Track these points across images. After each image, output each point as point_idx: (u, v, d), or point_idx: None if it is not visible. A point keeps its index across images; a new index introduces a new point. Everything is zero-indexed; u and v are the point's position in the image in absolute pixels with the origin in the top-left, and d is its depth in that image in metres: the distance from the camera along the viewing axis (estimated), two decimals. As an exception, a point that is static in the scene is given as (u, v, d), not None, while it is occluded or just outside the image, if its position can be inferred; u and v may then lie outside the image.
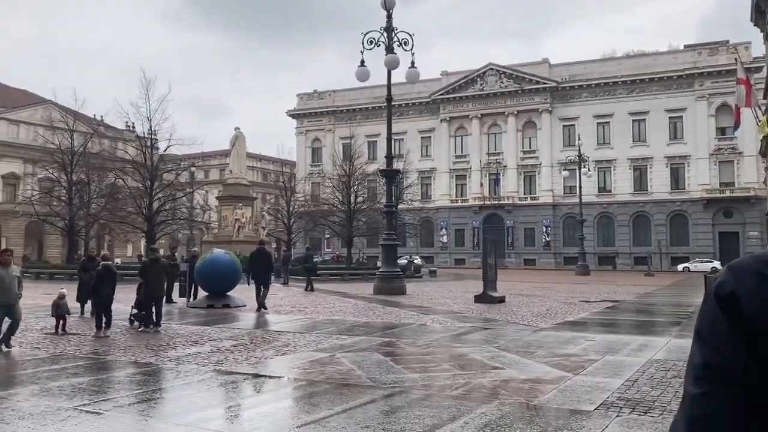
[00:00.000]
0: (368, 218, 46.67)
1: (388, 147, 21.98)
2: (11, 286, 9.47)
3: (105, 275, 11.20)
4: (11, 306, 9.53)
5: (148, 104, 34.93)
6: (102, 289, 11.13)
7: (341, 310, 15.59)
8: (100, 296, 11.12)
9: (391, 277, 21.67)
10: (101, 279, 11.18)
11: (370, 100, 70.34)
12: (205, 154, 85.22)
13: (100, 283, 11.18)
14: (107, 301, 11.20)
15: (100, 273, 11.20)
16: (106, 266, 11.35)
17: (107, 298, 11.18)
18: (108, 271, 11.28)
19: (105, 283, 11.17)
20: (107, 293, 11.18)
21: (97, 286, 11.22)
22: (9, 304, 9.47)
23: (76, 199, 40.18)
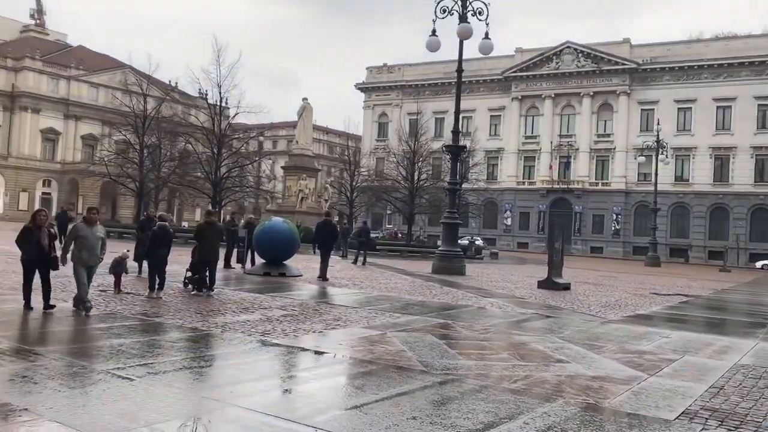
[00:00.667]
0: (431, 196, 45.93)
1: (456, 122, 21.16)
2: (96, 246, 8.84)
3: (160, 236, 11.03)
4: (91, 268, 8.96)
5: (218, 70, 35.24)
6: (157, 250, 10.97)
7: (397, 287, 15.09)
8: (154, 257, 10.98)
9: (451, 257, 21.01)
10: (156, 239, 11.03)
11: (440, 75, 68.95)
12: (274, 124, 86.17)
13: (155, 243, 11.02)
14: (162, 262, 11.04)
15: (156, 233, 11.04)
16: (161, 227, 11.17)
17: (162, 258, 11.01)
18: (163, 232, 11.10)
19: (160, 243, 11.00)
20: (162, 254, 11.02)
21: (152, 246, 11.08)
22: (90, 265, 8.86)
23: (148, 161, 41.17)
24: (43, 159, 70.25)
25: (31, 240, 8.52)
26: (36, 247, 8.49)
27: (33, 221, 8.72)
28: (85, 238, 8.75)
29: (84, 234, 8.79)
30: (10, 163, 67.91)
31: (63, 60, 73.61)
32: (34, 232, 8.57)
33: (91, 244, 8.76)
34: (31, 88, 69.09)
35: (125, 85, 44.93)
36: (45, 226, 8.76)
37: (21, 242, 8.64)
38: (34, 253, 8.52)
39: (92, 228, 8.90)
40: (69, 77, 71.84)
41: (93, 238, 8.81)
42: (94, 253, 8.82)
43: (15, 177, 67.91)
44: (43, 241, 8.55)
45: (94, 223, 9.01)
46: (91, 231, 8.85)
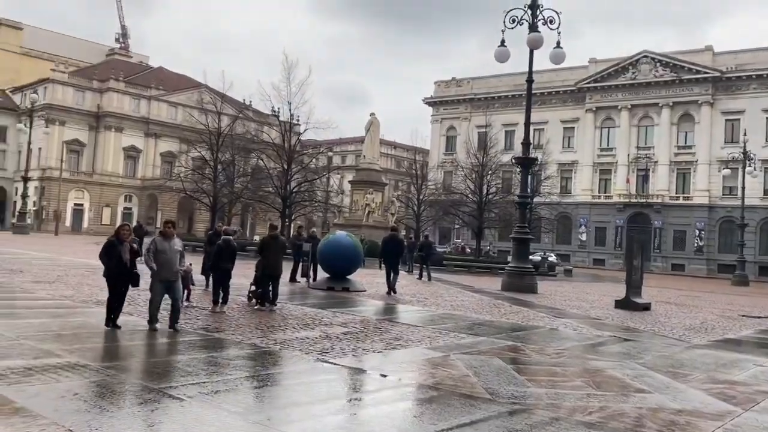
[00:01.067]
0: (501, 210, 44.96)
1: (526, 132, 20.49)
2: (174, 261, 8.59)
3: (225, 250, 11.01)
4: (171, 283, 8.62)
5: (288, 87, 35.82)
6: (221, 264, 10.94)
7: (463, 305, 14.56)
8: (218, 271, 10.96)
9: (522, 274, 20.25)
10: (220, 253, 11.00)
11: (510, 88, 67.87)
12: (343, 140, 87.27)
13: (219, 257, 11.00)
14: (225, 276, 11.01)
15: (220, 247, 11.02)
16: (226, 240, 11.15)
17: (226, 273, 10.98)
18: (228, 246, 11.07)
19: (224, 257, 10.97)
20: (226, 268, 10.98)
21: (216, 260, 11.06)
22: (170, 281, 8.58)
23: (222, 177, 42.25)
24: (125, 175, 73.54)
25: (113, 254, 8.43)
26: (117, 261, 8.41)
27: (116, 235, 8.65)
28: (162, 253, 8.56)
29: (162, 248, 8.59)
30: (95, 179, 71.45)
31: (144, 81, 77.13)
32: (117, 247, 8.48)
33: (168, 258, 8.58)
34: (114, 108, 72.64)
35: (200, 103, 46.39)
36: (127, 240, 8.68)
37: (104, 257, 8.54)
38: (115, 268, 8.43)
39: (170, 242, 8.73)
40: (149, 97, 75.12)
41: (171, 252, 8.62)
42: (171, 267, 8.62)
43: (99, 193, 71.36)
44: (124, 255, 8.46)
45: (171, 236, 8.83)
46: (168, 245, 8.67)
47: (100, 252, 8.65)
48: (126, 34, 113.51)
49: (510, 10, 21.16)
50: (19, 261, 19.71)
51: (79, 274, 16.39)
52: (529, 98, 20.83)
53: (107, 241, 8.73)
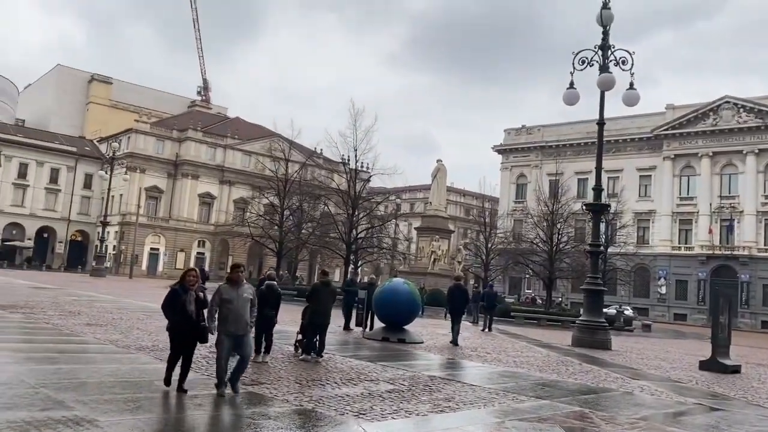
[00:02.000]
0: (573, 260, 43.03)
1: (597, 178, 19.33)
2: (242, 312, 7.36)
3: (268, 295, 10.46)
4: (240, 338, 7.38)
5: (355, 134, 35.87)
6: (263, 311, 10.37)
7: (528, 362, 13.39)
8: (261, 318, 10.37)
9: (594, 328, 18.80)
10: (264, 299, 10.45)
11: (582, 135, 66.27)
12: (411, 187, 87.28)
13: (262, 303, 10.45)
14: (268, 324, 10.45)
15: (263, 293, 10.48)
16: (269, 286, 10.62)
17: (268, 320, 10.42)
18: (271, 292, 10.53)
19: (267, 303, 10.41)
20: (268, 315, 10.42)
21: (259, 306, 10.49)
22: (237, 335, 7.34)
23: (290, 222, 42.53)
24: (199, 221, 75.70)
25: (177, 305, 7.25)
26: (181, 313, 7.22)
27: (181, 282, 7.43)
28: (229, 302, 7.31)
29: (228, 297, 7.34)
30: (171, 225, 73.87)
31: (221, 131, 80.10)
32: (181, 296, 7.26)
33: (236, 308, 7.32)
34: (192, 157, 75.48)
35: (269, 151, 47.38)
36: (193, 288, 7.35)
37: (166, 308, 7.39)
38: (179, 321, 7.25)
39: (237, 289, 7.43)
40: (225, 146, 77.74)
41: (239, 301, 7.35)
42: (240, 319, 7.34)
43: (174, 238, 73.60)
44: (189, 306, 7.22)
45: (239, 282, 7.55)
46: (236, 293, 7.39)
47: (163, 302, 7.48)
48: (207, 87, 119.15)
49: (579, 52, 20.39)
50: (82, 303, 19.94)
51: (134, 317, 16.27)
52: (600, 142, 19.75)
53: (170, 289, 7.53)
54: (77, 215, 76.53)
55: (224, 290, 7.44)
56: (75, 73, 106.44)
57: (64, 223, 75.81)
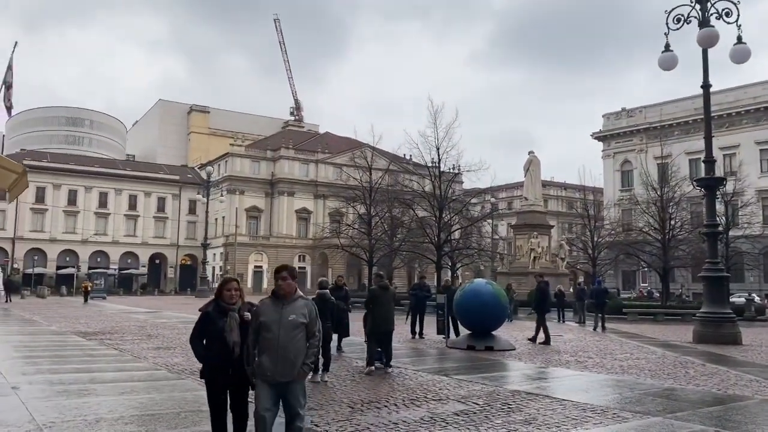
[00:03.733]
0: (691, 247, 39.18)
1: (707, 148, 16.81)
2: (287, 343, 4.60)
3: (320, 306, 9.28)
4: (285, 386, 4.63)
5: (435, 132, 34.36)
6: (323, 324, 9.22)
7: (638, 365, 11.39)
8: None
9: (718, 321, 16.26)
10: (322, 312, 9.29)
11: (688, 113, 61.17)
12: (509, 185, 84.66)
13: (321, 317, 9.29)
14: (324, 338, 9.26)
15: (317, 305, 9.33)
16: (321, 295, 9.46)
17: (324, 334, 9.23)
18: (324, 302, 9.36)
19: (320, 315, 9.23)
20: (323, 329, 9.23)
21: None
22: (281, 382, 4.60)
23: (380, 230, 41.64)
24: (297, 236, 76.84)
25: (212, 332, 4.82)
26: (218, 344, 4.77)
27: (217, 299, 4.97)
28: (267, 328, 4.60)
29: (266, 319, 4.63)
30: (271, 242, 75.48)
31: (311, 146, 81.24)
32: (214, 321, 4.84)
33: (277, 338, 4.56)
34: (286, 174, 76.91)
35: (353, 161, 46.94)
36: (234, 306, 4.88)
37: (195, 339, 4.97)
38: (214, 358, 4.80)
39: (282, 308, 4.65)
40: (316, 161, 78.67)
41: (282, 325, 4.58)
42: (285, 356, 4.55)
43: (276, 255, 74.98)
44: (229, 336, 4.77)
45: (287, 295, 4.72)
46: (279, 313, 4.63)
47: (191, 333, 5.04)
48: (299, 107, 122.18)
49: (674, 9, 17.95)
50: (167, 326, 19.79)
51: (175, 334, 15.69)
52: (707, 107, 17.21)
53: (201, 313, 5.00)
54: (185, 240, 79.85)
55: (262, 309, 4.71)
56: (175, 106, 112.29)
57: (173, 249, 79.36)
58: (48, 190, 72.76)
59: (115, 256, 75.57)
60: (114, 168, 79.34)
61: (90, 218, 74.62)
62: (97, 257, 74.87)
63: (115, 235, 75.76)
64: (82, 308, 31.96)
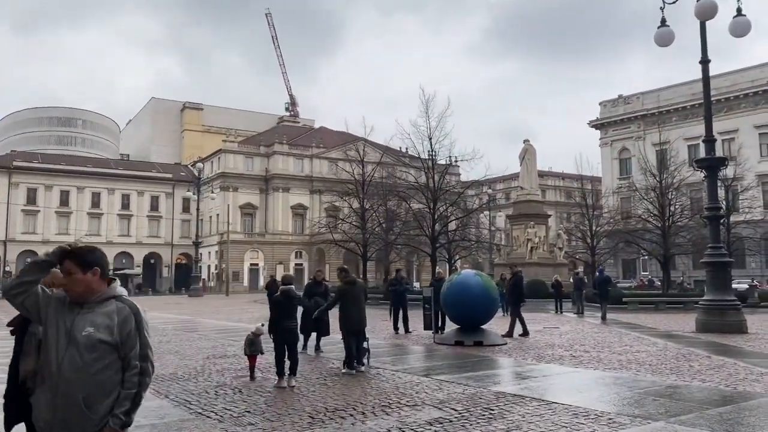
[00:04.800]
0: (693, 234, 38.31)
1: (707, 128, 15.91)
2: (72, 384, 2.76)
3: (284, 304, 8.41)
4: None
5: (427, 122, 33.41)
6: (282, 323, 8.34)
7: (637, 359, 10.50)
8: (279, 333, 8.35)
9: (723, 308, 15.40)
10: (280, 309, 8.42)
11: (686, 98, 60.35)
12: (506, 176, 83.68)
13: (278, 314, 8.42)
14: (290, 338, 8.38)
15: (278, 302, 8.45)
16: (284, 292, 8.55)
17: (289, 334, 8.35)
18: (288, 298, 8.46)
19: (285, 314, 8.37)
20: (289, 328, 8.36)
21: (275, 318, 8.49)
22: None
23: (374, 224, 40.74)
24: (293, 233, 75.91)
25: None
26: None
27: None
28: (46, 348, 2.86)
29: (48, 332, 2.87)
30: (267, 239, 74.57)
31: (306, 141, 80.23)
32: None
33: (57, 365, 2.75)
34: (280, 170, 75.92)
35: (346, 154, 46.09)
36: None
37: None
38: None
39: (77, 315, 2.83)
40: (311, 156, 77.68)
41: (70, 344, 2.75)
42: (69, 398, 2.72)
43: (272, 251, 74.19)
44: (23, 361, 3.46)
45: (81, 297, 2.85)
46: (65, 323, 2.82)
47: None
48: (294, 103, 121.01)
49: (669, -18, 17.03)
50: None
51: (186, 339, 14.86)
52: (706, 84, 16.30)
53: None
54: (179, 239, 78.92)
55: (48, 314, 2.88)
56: (168, 104, 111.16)
57: (168, 248, 78.46)
58: (39, 192, 71.81)
59: (109, 257, 73.20)
60: (106, 167, 78.37)
61: (83, 219, 73.71)
62: (91, 258, 73.90)
63: (108, 236, 74.80)
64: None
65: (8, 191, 69.35)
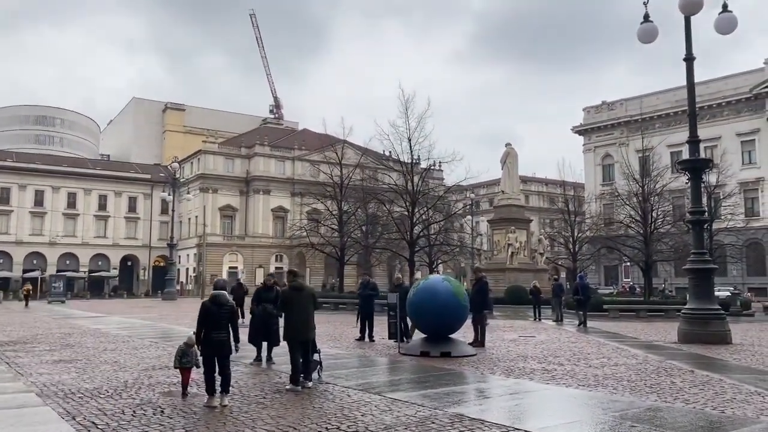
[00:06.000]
0: (675, 241, 37.78)
1: (691, 126, 15.17)
2: None
3: (213, 313, 7.33)
4: None
5: (407, 123, 32.57)
6: (211, 334, 7.28)
7: (615, 374, 9.63)
8: (208, 345, 7.29)
9: (706, 317, 14.65)
10: (208, 319, 7.31)
11: (670, 105, 60.29)
12: (489, 182, 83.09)
13: (207, 324, 7.32)
14: (221, 351, 7.33)
15: (207, 310, 7.33)
16: (213, 298, 7.45)
17: (219, 346, 7.30)
18: (217, 306, 7.38)
19: (214, 324, 7.28)
20: (218, 340, 7.28)
21: (203, 329, 7.38)
22: None
23: (351, 227, 39.85)
24: (274, 236, 74.64)
25: None
26: None
27: None
28: None
29: None
30: (247, 242, 73.29)
31: (288, 143, 79.09)
32: None
33: None
34: (261, 172, 74.70)
35: (325, 156, 45.22)
36: None
37: None
38: None
39: None
40: (293, 158, 76.52)
41: None
42: None
43: (251, 254, 72.90)
44: None
45: None
46: None
47: None
48: (278, 105, 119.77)
49: (652, -24, 16.33)
50: (98, 332, 17.82)
51: (130, 347, 13.79)
52: (690, 81, 15.56)
53: None
54: (158, 241, 77.33)
55: None
56: (150, 104, 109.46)
57: (146, 250, 76.89)
58: (13, 191, 70.05)
59: (84, 258, 72.97)
60: (83, 167, 76.67)
61: (58, 219, 72.00)
62: (66, 260, 72.22)
63: (84, 237, 73.20)
64: (19, 313, 29.75)
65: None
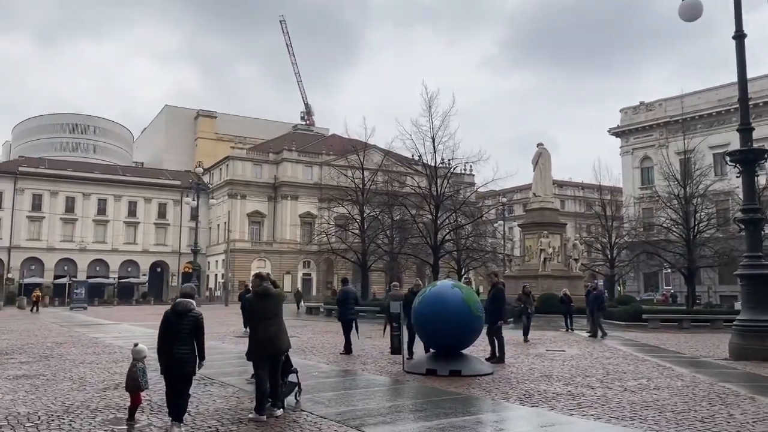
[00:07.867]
0: (719, 246, 35.35)
1: (743, 112, 13.33)
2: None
3: (172, 325, 5.91)
4: None
5: (430, 121, 31.03)
6: (173, 349, 5.88)
7: (655, 400, 7.94)
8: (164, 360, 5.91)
9: (762, 330, 12.74)
10: (169, 332, 5.93)
11: (712, 105, 57.31)
12: (522, 186, 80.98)
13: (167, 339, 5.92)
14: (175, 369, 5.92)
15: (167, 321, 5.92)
16: (176, 307, 6.00)
17: (175, 362, 5.90)
18: (177, 316, 5.99)
19: (175, 338, 5.88)
20: (181, 356, 5.89)
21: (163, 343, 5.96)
22: None
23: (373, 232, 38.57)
24: (302, 242, 73.74)
25: None
26: None
27: None
28: None
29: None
30: (274, 248, 72.55)
31: (316, 149, 78.28)
32: None
33: None
34: (289, 178, 74.00)
35: (347, 160, 44.06)
36: None
37: None
38: None
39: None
40: (321, 163, 75.59)
41: None
42: None
43: (279, 261, 72.14)
44: None
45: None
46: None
47: None
48: (309, 112, 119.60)
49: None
50: (93, 341, 16.75)
51: (116, 359, 12.59)
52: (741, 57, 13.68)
53: None
54: (187, 247, 76.84)
55: None
56: (182, 112, 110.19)
57: (175, 256, 76.74)
58: (45, 198, 70.59)
59: (114, 265, 73.14)
60: (113, 174, 77.06)
61: (88, 225, 72.33)
62: (96, 266, 72.49)
63: (114, 243, 73.39)
64: (26, 319, 29.08)
65: (13, 197, 68.23)
